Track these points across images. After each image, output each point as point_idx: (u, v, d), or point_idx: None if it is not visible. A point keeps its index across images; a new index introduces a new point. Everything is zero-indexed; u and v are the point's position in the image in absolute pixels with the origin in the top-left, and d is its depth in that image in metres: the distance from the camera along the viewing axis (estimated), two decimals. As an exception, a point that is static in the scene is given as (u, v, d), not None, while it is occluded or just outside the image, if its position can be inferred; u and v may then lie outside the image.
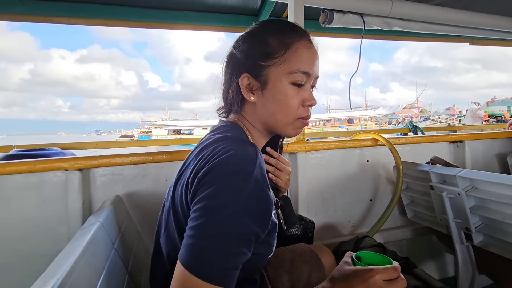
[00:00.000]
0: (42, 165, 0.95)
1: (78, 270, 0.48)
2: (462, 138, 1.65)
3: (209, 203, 0.47)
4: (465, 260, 1.14)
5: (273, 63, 0.59)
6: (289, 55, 0.59)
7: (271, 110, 0.61)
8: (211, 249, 0.46)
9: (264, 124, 0.64)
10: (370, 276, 0.48)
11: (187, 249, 0.47)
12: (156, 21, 1.75)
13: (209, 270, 0.45)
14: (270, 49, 0.59)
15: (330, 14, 1.46)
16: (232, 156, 0.50)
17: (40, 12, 1.54)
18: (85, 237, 0.58)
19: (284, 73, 0.59)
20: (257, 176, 0.49)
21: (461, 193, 1.02)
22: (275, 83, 0.60)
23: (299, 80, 0.59)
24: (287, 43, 0.59)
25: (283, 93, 0.59)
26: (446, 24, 1.73)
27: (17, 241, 0.94)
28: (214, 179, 0.48)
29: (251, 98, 0.62)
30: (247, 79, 0.61)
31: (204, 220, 0.47)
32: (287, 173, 0.79)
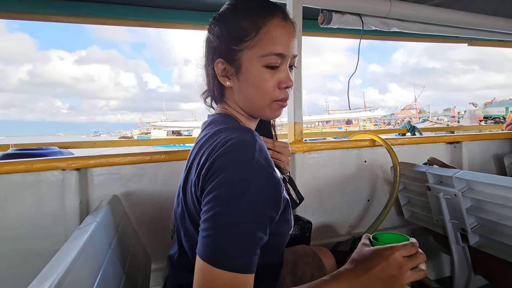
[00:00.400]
0: (39, 165, 0.95)
1: (74, 271, 0.48)
2: (459, 139, 1.65)
3: (218, 193, 0.48)
4: (461, 260, 1.15)
5: (245, 47, 0.57)
6: (261, 36, 0.57)
7: (247, 94, 0.60)
8: (228, 238, 0.46)
9: (244, 108, 0.64)
10: (390, 254, 0.49)
11: (204, 241, 0.47)
12: (155, 20, 1.75)
13: (228, 259, 0.45)
14: (241, 32, 0.57)
15: (329, 15, 1.46)
16: (231, 145, 0.50)
17: (38, 11, 1.54)
18: (82, 237, 0.58)
19: (257, 56, 0.57)
20: (259, 159, 0.49)
21: (457, 194, 1.03)
22: (248, 67, 0.58)
23: (273, 62, 0.58)
24: (258, 24, 0.57)
25: (257, 77, 0.58)
26: (444, 25, 1.74)
27: (14, 240, 0.94)
28: (219, 171, 0.48)
29: (227, 83, 0.61)
30: (221, 64, 0.60)
31: (216, 211, 0.47)
32: (287, 154, 0.78)
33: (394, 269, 0.48)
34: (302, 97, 1.35)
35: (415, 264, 0.49)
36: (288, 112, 1.34)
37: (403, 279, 0.48)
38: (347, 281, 0.50)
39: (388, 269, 0.48)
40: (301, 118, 1.32)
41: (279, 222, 0.55)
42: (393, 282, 0.48)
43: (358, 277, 0.49)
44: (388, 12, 1.51)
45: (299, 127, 1.32)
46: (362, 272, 0.50)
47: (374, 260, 0.50)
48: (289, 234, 0.63)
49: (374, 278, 0.49)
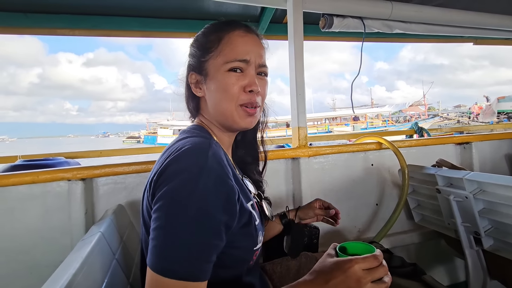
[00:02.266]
0: (45, 176, 0.96)
1: (77, 283, 0.48)
2: (469, 139, 1.62)
3: (165, 202, 0.48)
4: (475, 265, 1.11)
5: (210, 57, 0.63)
6: (223, 46, 0.62)
7: (215, 100, 0.63)
8: (175, 246, 0.46)
9: (216, 118, 0.66)
10: (349, 267, 0.48)
11: (152, 252, 0.47)
12: (158, 30, 1.78)
13: (177, 267, 0.45)
14: (206, 45, 0.64)
15: (330, 19, 1.46)
16: (183, 152, 0.52)
17: (43, 25, 1.58)
18: (85, 248, 0.58)
19: (221, 63, 0.62)
20: (211, 166, 0.50)
21: (468, 196, 1.00)
22: (214, 74, 0.62)
23: (236, 66, 0.61)
24: (220, 36, 0.63)
25: (222, 81, 0.61)
26: (448, 25, 1.72)
27: (20, 252, 0.94)
28: (168, 178, 0.49)
29: (198, 93, 0.66)
30: (194, 76, 0.66)
31: (163, 220, 0.47)
32: None
33: (352, 282, 0.48)
34: (309, 96, 1.34)
35: (374, 278, 0.49)
36: (292, 117, 1.33)
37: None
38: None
39: (346, 282, 0.48)
40: (305, 122, 1.31)
41: (240, 235, 0.56)
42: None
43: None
44: (390, 14, 1.50)
45: (303, 131, 1.31)
46: (321, 285, 0.50)
47: (333, 273, 0.49)
48: (254, 252, 0.61)
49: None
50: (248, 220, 0.58)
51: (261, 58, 0.65)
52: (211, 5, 1.65)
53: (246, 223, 0.57)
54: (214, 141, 0.59)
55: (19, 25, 1.51)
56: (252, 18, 1.83)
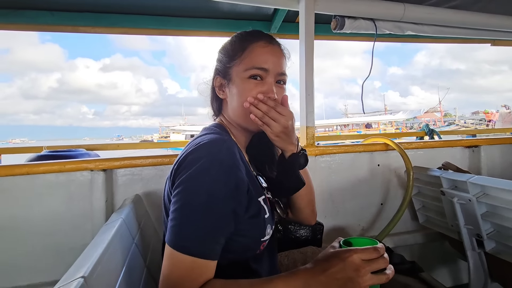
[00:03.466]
0: (70, 166, 1.04)
1: (104, 262, 0.54)
2: (477, 142, 1.61)
3: (183, 187, 0.56)
4: (477, 267, 1.13)
5: (234, 63, 0.69)
6: (246, 55, 0.68)
7: (235, 102, 0.69)
8: (190, 226, 0.53)
9: (234, 119, 0.71)
10: (348, 256, 0.51)
11: (170, 231, 0.55)
12: (173, 28, 1.84)
13: (190, 245, 0.53)
14: (232, 52, 0.70)
15: (341, 20, 1.48)
16: (200, 146, 0.58)
17: (67, 22, 1.67)
18: (110, 232, 0.64)
19: (243, 70, 0.68)
20: (223, 157, 0.57)
21: (472, 199, 1.02)
22: (236, 79, 0.69)
23: (255, 74, 0.67)
24: (244, 46, 0.69)
25: (242, 86, 0.68)
26: (463, 27, 1.71)
27: (47, 234, 1.03)
28: (186, 168, 0.56)
29: (221, 95, 0.73)
30: (219, 80, 0.73)
31: (181, 203, 0.55)
32: (283, 125, 0.66)
33: (350, 271, 0.50)
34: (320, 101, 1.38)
35: (374, 268, 0.50)
36: (301, 116, 1.37)
37: (361, 281, 0.49)
38: (303, 278, 0.52)
39: (344, 270, 0.50)
40: (313, 122, 1.35)
41: (249, 225, 0.61)
42: (351, 283, 0.50)
43: (315, 276, 0.52)
44: (402, 16, 1.51)
45: (311, 131, 1.35)
46: (320, 272, 0.52)
47: (332, 261, 0.52)
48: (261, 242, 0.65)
49: (331, 278, 0.51)
50: (257, 212, 0.63)
51: (280, 67, 0.69)
52: (226, 5, 1.69)
53: (255, 214, 0.62)
54: (230, 138, 0.65)
55: (45, 22, 1.60)
56: (265, 17, 1.87)
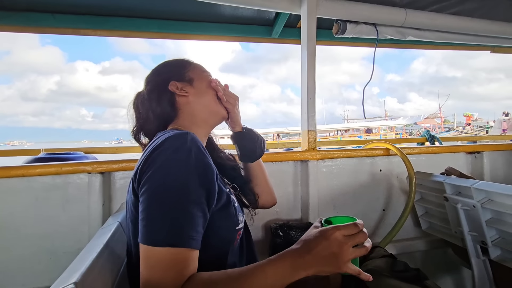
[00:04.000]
0: (67, 168, 1.02)
1: (99, 265, 0.52)
2: (480, 148, 1.60)
3: (151, 184, 0.53)
4: (481, 275, 1.11)
5: (190, 69, 0.79)
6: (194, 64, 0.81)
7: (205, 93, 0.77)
8: (161, 219, 0.51)
9: (201, 112, 0.76)
10: (331, 233, 0.53)
11: (143, 229, 0.51)
12: (175, 32, 1.84)
13: (167, 235, 0.50)
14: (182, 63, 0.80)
15: (343, 25, 1.48)
16: (163, 140, 0.57)
17: (69, 25, 1.67)
18: (106, 235, 0.62)
19: (201, 71, 0.80)
20: (189, 145, 0.56)
21: (476, 205, 1.00)
22: (199, 77, 0.78)
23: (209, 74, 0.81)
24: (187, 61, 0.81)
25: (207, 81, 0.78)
26: (464, 33, 1.71)
27: (42, 237, 1.01)
28: (152, 163, 0.54)
29: (184, 94, 0.76)
30: (175, 83, 0.76)
31: (150, 199, 0.52)
32: (235, 98, 0.83)
33: (335, 247, 0.53)
34: (320, 106, 1.37)
35: (355, 242, 0.54)
36: (302, 120, 1.36)
37: (345, 255, 0.52)
38: (290, 259, 0.54)
39: (329, 247, 0.53)
40: (315, 126, 1.34)
41: (221, 215, 0.61)
42: (336, 259, 0.52)
43: (302, 256, 0.53)
44: (404, 21, 1.51)
45: (313, 135, 1.33)
46: (306, 251, 0.54)
47: (317, 240, 0.54)
48: (236, 231, 0.66)
49: (317, 256, 0.53)
50: (226, 201, 0.63)
51: None
52: (227, 9, 1.70)
53: (225, 203, 0.62)
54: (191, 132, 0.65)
55: (46, 25, 1.60)
56: (266, 22, 1.87)
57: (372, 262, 0.95)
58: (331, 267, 0.53)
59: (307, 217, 1.32)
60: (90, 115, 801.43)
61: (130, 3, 1.63)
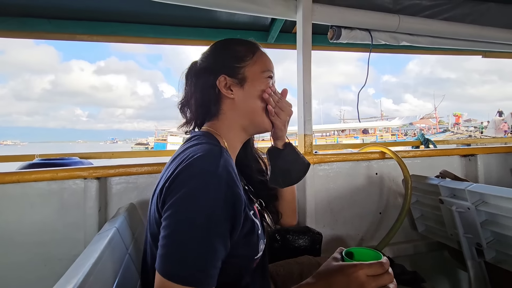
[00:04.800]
0: (63, 173, 1.01)
1: (96, 272, 0.52)
2: (474, 151, 1.62)
3: (176, 209, 0.50)
4: (477, 277, 1.12)
5: (247, 64, 0.70)
6: (257, 57, 0.71)
7: (252, 99, 0.69)
8: (183, 252, 0.47)
9: (243, 119, 0.69)
10: (353, 272, 0.49)
11: (162, 258, 0.48)
12: (171, 37, 1.85)
13: (185, 273, 0.47)
14: (240, 54, 0.70)
15: (338, 30, 1.51)
16: (194, 160, 0.53)
17: (65, 30, 1.66)
18: (102, 241, 0.62)
19: (260, 71, 0.70)
20: (221, 174, 0.52)
21: (470, 208, 1.02)
22: (252, 77, 0.69)
23: (270, 75, 0.71)
24: (253, 50, 0.71)
25: (264, 84, 0.70)
26: (456, 39, 1.75)
27: (37, 244, 1.00)
28: (179, 185, 0.51)
29: (230, 95, 0.69)
30: (224, 79, 0.68)
31: (173, 228, 0.49)
32: (288, 114, 0.74)
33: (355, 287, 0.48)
34: (316, 107, 1.38)
35: (379, 285, 0.49)
36: (298, 124, 1.37)
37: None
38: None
39: (349, 287, 0.48)
40: (311, 130, 1.35)
41: (243, 244, 0.57)
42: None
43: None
44: (397, 27, 1.54)
45: (309, 139, 1.34)
46: (323, 287, 0.50)
47: (337, 277, 0.50)
48: (255, 260, 0.62)
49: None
50: (250, 229, 0.59)
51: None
52: (223, 14, 1.71)
53: (249, 231, 0.58)
54: (224, 149, 0.60)
55: (43, 30, 1.60)
56: (262, 27, 1.89)
57: (369, 265, 0.95)
58: None
59: (304, 221, 1.32)
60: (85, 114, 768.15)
61: (126, 9, 1.63)
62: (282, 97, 0.72)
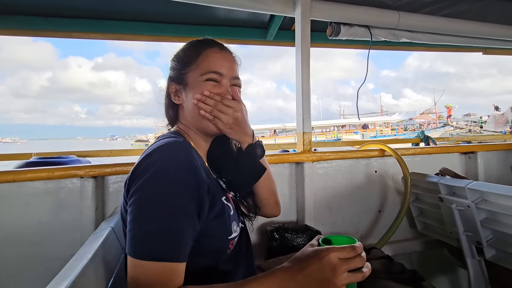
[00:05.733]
0: (59, 172, 1.00)
1: (89, 273, 0.51)
2: (474, 149, 1.61)
3: (138, 195, 0.52)
4: (477, 275, 1.11)
5: (190, 69, 0.70)
6: (201, 60, 0.70)
7: (191, 105, 0.69)
8: (150, 232, 0.50)
9: (193, 123, 0.71)
10: (325, 255, 0.50)
11: (130, 241, 0.51)
12: (169, 35, 1.83)
13: (152, 249, 0.49)
14: (186, 59, 0.72)
15: (337, 27, 1.49)
16: (154, 150, 0.56)
17: (62, 28, 1.65)
18: (97, 241, 0.61)
19: (199, 75, 0.69)
20: (180, 158, 0.55)
21: (470, 206, 1.01)
22: (192, 83, 0.69)
23: (211, 78, 0.69)
24: (198, 52, 0.71)
25: (199, 89, 0.68)
26: (456, 35, 1.73)
27: (34, 244, 0.99)
28: (141, 173, 0.54)
29: (177, 101, 0.72)
30: (174, 86, 0.73)
31: (137, 211, 0.52)
32: (232, 116, 0.68)
33: (327, 271, 0.49)
34: (315, 102, 1.37)
35: (351, 267, 0.50)
36: (297, 122, 1.36)
37: (337, 281, 0.49)
38: (280, 278, 0.51)
39: (322, 271, 0.50)
40: (310, 128, 1.34)
41: (214, 224, 0.59)
42: (328, 283, 0.49)
43: (293, 276, 0.51)
44: (397, 24, 1.52)
45: (308, 137, 1.33)
46: (297, 272, 0.51)
47: (309, 260, 0.51)
48: (230, 241, 0.64)
49: (308, 278, 0.50)
50: (220, 210, 0.61)
51: (234, 71, 0.72)
52: (222, 11, 1.69)
53: (219, 213, 0.61)
54: (185, 141, 0.64)
55: (40, 28, 1.58)
56: (261, 24, 1.88)
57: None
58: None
59: (303, 219, 1.31)
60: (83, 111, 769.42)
61: (123, 6, 1.62)
62: (224, 98, 0.68)
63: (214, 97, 0.67)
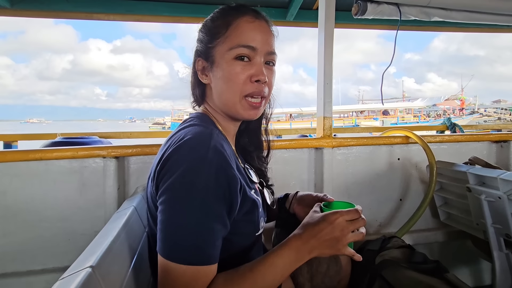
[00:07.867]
0: (83, 152, 1.03)
1: (114, 250, 0.52)
2: (506, 137, 1.51)
3: (170, 195, 0.50)
4: (503, 268, 1.07)
5: (217, 43, 0.61)
6: (230, 32, 0.60)
7: (220, 88, 0.62)
8: (181, 235, 0.49)
9: (220, 107, 0.64)
10: (335, 218, 0.56)
11: (161, 241, 0.50)
12: (187, 15, 1.79)
13: (188, 254, 0.49)
14: (214, 30, 0.62)
15: (364, 5, 1.40)
16: (184, 143, 0.52)
17: (82, 9, 1.66)
18: (121, 220, 0.63)
19: (226, 50, 0.59)
20: (212, 157, 0.51)
21: (502, 197, 0.95)
22: (219, 61, 0.60)
23: (241, 53, 0.59)
24: (228, 22, 0.60)
25: (227, 69, 0.59)
26: (494, 13, 1.58)
27: (60, 219, 1.04)
28: (170, 170, 0.51)
29: (204, 80, 0.64)
30: (201, 62, 0.64)
31: (169, 212, 0.50)
32: None
33: (337, 232, 0.55)
34: (333, 87, 1.31)
35: (355, 227, 0.57)
36: (318, 106, 1.32)
37: (345, 240, 0.56)
38: (295, 246, 0.56)
39: (333, 232, 0.55)
40: (331, 112, 1.29)
41: (241, 222, 0.58)
42: (336, 242, 0.55)
43: (307, 242, 0.56)
44: (430, 1, 1.41)
45: (329, 121, 1.29)
46: (310, 237, 0.56)
47: (321, 225, 0.56)
48: (256, 237, 0.64)
49: (321, 240, 0.55)
50: (251, 208, 0.60)
51: (269, 45, 0.62)
52: (241, -10, 1.63)
53: (249, 210, 0.60)
54: (216, 130, 0.59)
55: (60, 9, 1.60)
56: (281, 4, 1.80)
57: (389, 252, 0.92)
58: (332, 249, 0.56)
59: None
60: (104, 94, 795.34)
61: (142, -14, 1.59)
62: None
63: None
